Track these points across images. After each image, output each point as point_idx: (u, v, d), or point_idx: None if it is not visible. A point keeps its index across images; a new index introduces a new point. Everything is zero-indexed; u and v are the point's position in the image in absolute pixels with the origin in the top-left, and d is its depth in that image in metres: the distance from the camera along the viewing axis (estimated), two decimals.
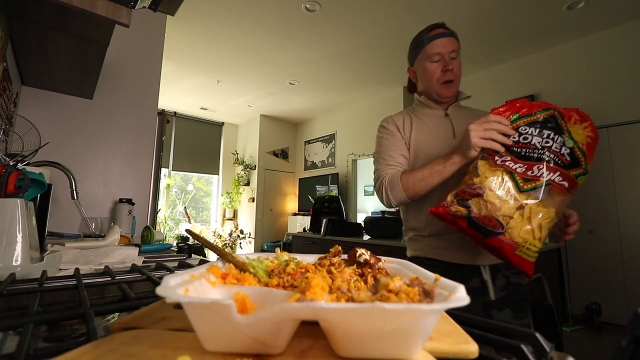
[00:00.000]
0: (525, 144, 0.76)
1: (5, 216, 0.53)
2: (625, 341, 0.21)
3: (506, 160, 0.75)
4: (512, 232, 0.70)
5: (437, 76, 1.03)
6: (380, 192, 1.01)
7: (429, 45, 1.03)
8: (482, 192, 0.73)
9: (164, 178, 5.69)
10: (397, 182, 0.95)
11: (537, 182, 0.71)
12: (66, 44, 1.14)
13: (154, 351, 0.20)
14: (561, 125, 0.76)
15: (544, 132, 0.75)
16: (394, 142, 1.06)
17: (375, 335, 0.18)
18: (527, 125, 0.77)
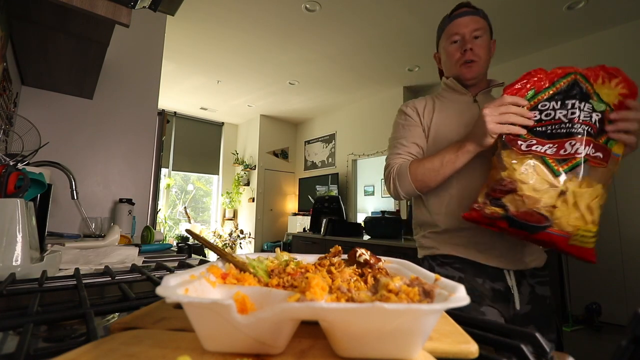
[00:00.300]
0: (549, 120, 0.67)
1: (5, 216, 0.53)
2: (625, 341, 0.21)
3: (532, 144, 0.67)
4: (560, 222, 0.63)
5: (456, 57, 0.95)
6: (387, 182, 0.95)
7: (449, 25, 0.97)
8: (514, 187, 0.66)
9: (164, 178, 5.69)
10: (406, 173, 0.89)
11: (574, 161, 0.64)
12: (66, 44, 1.14)
13: (154, 351, 0.20)
14: (586, 89, 0.67)
15: (568, 102, 0.67)
16: (409, 129, 0.99)
17: (375, 335, 0.18)
18: (547, 100, 0.69)
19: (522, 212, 0.65)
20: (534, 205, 0.64)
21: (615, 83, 0.67)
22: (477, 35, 0.93)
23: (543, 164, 0.66)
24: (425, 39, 3.52)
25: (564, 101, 0.67)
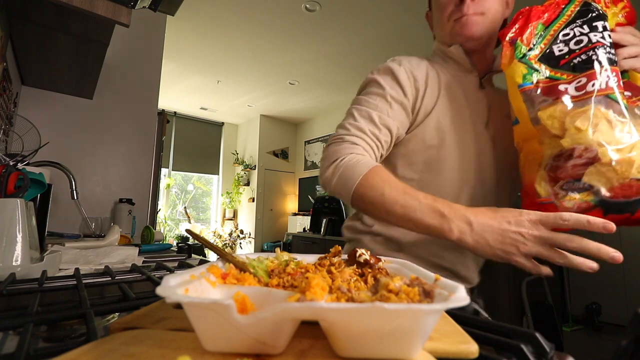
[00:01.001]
0: (585, 47, 0.51)
1: (5, 216, 0.53)
2: (626, 341, 0.21)
3: (582, 84, 0.49)
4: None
5: (449, 11, 0.66)
6: (325, 167, 0.63)
7: None
8: (592, 154, 0.46)
9: (164, 178, 5.69)
10: (357, 179, 0.57)
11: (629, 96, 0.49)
12: (66, 44, 1.14)
13: (154, 351, 0.20)
14: (601, 9, 0.54)
15: (595, 24, 0.52)
16: (391, 104, 0.65)
17: (375, 335, 0.18)
18: (568, 27, 0.54)
19: (619, 187, 0.45)
20: (629, 171, 0.44)
21: (621, 7, 0.55)
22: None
23: (610, 105, 0.46)
24: (425, 39, 3.52)
25: (590, 23, 0.52)
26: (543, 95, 0.51)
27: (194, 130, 6.35)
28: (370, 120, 0.64)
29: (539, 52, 0.55)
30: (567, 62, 0.52)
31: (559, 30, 0.54)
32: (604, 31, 0.51)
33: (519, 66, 0.55)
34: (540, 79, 0.53)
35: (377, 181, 0.56)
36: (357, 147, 0.62)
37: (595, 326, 2.95)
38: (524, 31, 0.56)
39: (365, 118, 0.64)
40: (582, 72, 0.50)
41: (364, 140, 0.63)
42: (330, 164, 0.62)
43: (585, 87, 0.49)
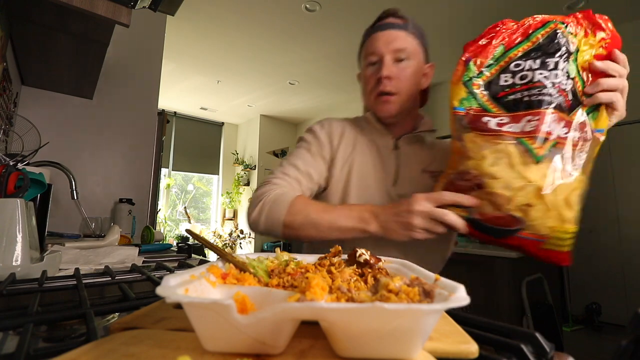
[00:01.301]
0: (525, 84, 0.51)
1: (5, 216, 0.53)
2: (626, 341, 0.21)
3: (503, 122, 0.51)
4: (536, 225, 0.50)
5: (370, 86, 0.73)
6: (252, 207, 0.69)
7: (368, 40, 0.74)
8: (480, 182, 0.52)
9: (164, 178, 5.69)
10: (285, 205, 0.65)
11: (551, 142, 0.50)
12: (66, 44, 1.14)
13: (154, 351, 0.20)
14: (569, 42, 0.51)
15: (549, 61, 0.50)
16: (314, 157, 0.76)
17: (375, 335, 0.18)
18: (522, 58, 0.52)
19: (491, 215, 0.53)
20: (505, 205, 0.51)
21: (599, 39, 0.52)
22: (401, 57, 0.71)
23: (519, 149, 0.50)
24: None
25: (544, 59, 0.51)
26: (468, 123, 0.55)
27: (194, 130, 6.35)
28: (294, 167, 0.75)
29: (486, 79, 0.55)
30: (505, 95, 0.53)
31: (514, 59, 0.53)
32: (554, 69, 0.50)
33: (461, 89, 0.56)
34: (473, 106, 0.55)
35: (301, 207, 0.65)
36: (280, 186, 0.71)
37: (595, 326, 2.95)
38: (483, 51, 0.55)
39: (291, 165, 0.75)
40: (509, 112, 0.52)
41: (287, 181, 0.73)
42: (256, 206, 0.69)
43: (503, 125, 0.52)
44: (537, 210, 0.50)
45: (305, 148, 0.77)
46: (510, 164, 0.50)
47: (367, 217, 0.61)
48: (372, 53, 0.72)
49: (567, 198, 0.50)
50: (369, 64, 0.74)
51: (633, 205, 3.05)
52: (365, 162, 0.76)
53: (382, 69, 0.70)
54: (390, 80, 0.70)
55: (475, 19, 3.18)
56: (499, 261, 2.01)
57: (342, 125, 0.80)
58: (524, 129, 0.50)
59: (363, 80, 0.76)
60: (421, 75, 0.76)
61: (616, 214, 3.13)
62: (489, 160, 0.52)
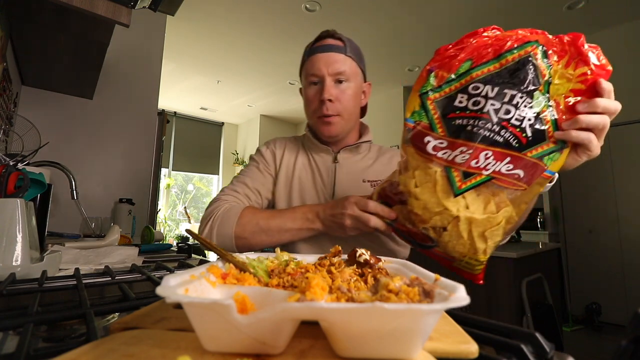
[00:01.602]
0: (474, 112, 0.48)
1: (5, 216, 0.53)
2: (626, 341, 0.21)
3: (441, 146, 0.50)
4: (447, 247, 0.52)
5: (314, 107, 0.76)
6: (203, 224, 0.74)
7: (308, 60, 0.76)
8: (404, 199, 0.54)
9: (164, 178, 5.69)
10: (234, 217, 0.70)
11: (479, 178, 0.48)
12: (66, 44, 1.14)
13: (154, 351, 0.20)
14: (539, 74, 0.46)
15: (506, 92, 0.46)
16: (262, 174, 0.83)
17: (375, 336, 0.18)
18: (482, 81, 0.48)
19: (408, 228, 0.56)
20: (421, 224, 0.53)
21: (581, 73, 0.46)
22: (341, 79, 0.74)
23: (445, 177, 0.49)
24: (425, 39, 3.52)
25: (502, 89, 0.47)
26: (411, 138, 0.53)
27: (194, 130, 6.35)
28: (243, 184, 0.80)
29: (443, 95, 0.51)
30: (453, 117, 0.50)
31: (476, 79, 0.48)
32: (508, 103, 0.46)
33: (416, 100, 0.53)
34: (423, 121, 0.52)
35: (250, 217, 0.70)
36: (228, 202, 0.76)
37: (595, 326, 2.95)
38: (448, 64, 0.51)
39: (240, 183, 0.81)
40: (451, 134, 0.49)
41: (236, 197, 0.78)
42: (206, 224, 0.73)
43: (440, 149, 0.50)
44: (449, 235, 0.51)
45: (254, 166, 0.84)
46: (433, 189, 0.50)
47: (311, 217, 0.67)
48: (312, 74, 0.75)
49: (483, 233, 0.50)
50: (310, 83, 0.76)
51: (633, 205, 3.05)
52: (305, 177, 0.81)
53: (324, 91, 0.73)
54: (332, 103, 0.74)
55: (475, 19, 3.18)
56: (499, 261, 2.01)
57: (285, 143, 0.88)
58: (454, 159, 0.49)
59: (305, 99, 0.79)
60: (360, 94, 0.80)
61: (616, 214, 3.13)
62: (416, 180, 0.52)
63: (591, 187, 3.28)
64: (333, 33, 0.77)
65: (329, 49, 0.75)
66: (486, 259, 0.52)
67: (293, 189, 0.81)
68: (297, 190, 0.80)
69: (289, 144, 0.88)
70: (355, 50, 0.78)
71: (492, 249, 0.51)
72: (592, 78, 0.45)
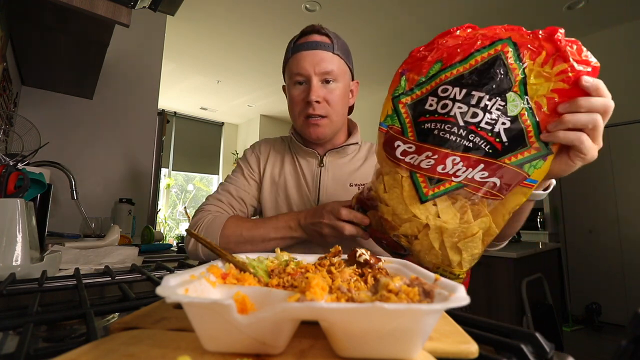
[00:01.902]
0: (442, 116, 0.46)
1: (5, 216, 0.53)
2: (625, 341, 0.21)
3: (409, 151, 0.48)
4: (419, 256, 0.50)
5: (299, 108, 0.73)
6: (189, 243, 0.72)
7: (292, 58, 0.72)
8: (375, 204, 0.54)
9: (164, 178, 5.69)
10: (218, 228, 0.69)
11: (448, 185, 0.46)
12: (66, 44, 1.14)
13: (154, 351, 0.20)
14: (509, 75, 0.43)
15: (474, 94, 0.44)
16: (247, 180, 0.81)
17: (375, 335, 0.18)
18: (451, 83, 0.46)
19: (381, 234, 0.55)
20: (391, 231, 0.52)
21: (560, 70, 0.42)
22: (328, 79, 0.70)
23: (410, 183, 0.48)
24: (425, 39, 3.50)
25: (470, 91, 0.44)
26: (383, 143, 0.52)
27: (194, 130, 6.35)
28: (228, 192, 0.79)
29: (414, 98, 0.49)
30: (422, 121, 0.48)
31: (445, 81, 0.46)
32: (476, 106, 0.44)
33: (389, 104, 0.52)
34: (395, 125, 0.51)
35: (233, 228, 0.69)
36: (211, 212, 0.74)
37: (595, 326, 2.95)
38: (419, 65, 0.49)
39: (225, 191, 0.79)
40: (420, 139, 0.48)
41: (220, 207, 0.76)
42: (191, 237, 0.70)
43: (407, 154, 0.48)
44: (420, 244, 0.49)
45: (239, 172, 0.83)
46: (401, 195, 0.49)
47: (293, 226, 0.66)
48: (298, 73, 0.71)
49: (456, 243, 0.47)
50: (295, 82, 0.72)
51: (633, 205, 3.05)
52: (291, 183, 0.79)
53: (311, 92, 0.69)
54: (319, 104, 0.70)
55: (475, 19, 3.18)
56: (499, 261, 2.01)
57: (269, 147, 0.85)
58: (420, 164, 0.47)
59: (290, 99, 0.75)
60: (348, 93, 0.78)
61: (616, 214, 3.13)
62: (385, 185, 0.51)
63: (591, 187, 3.28)
64: (319, 28, 0.73)
65: (316, 46, 0.70)
66: (463, 273, 0.49)
67: (279, 195, 0.79)
68: (282, 197, 0.79)
69: (275, 147, 0.85)
70: (342, 47, 0.75)
71: (469, 262, 0.48)
72: (575, 75, 0.41)
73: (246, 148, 0.87)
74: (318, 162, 0.79)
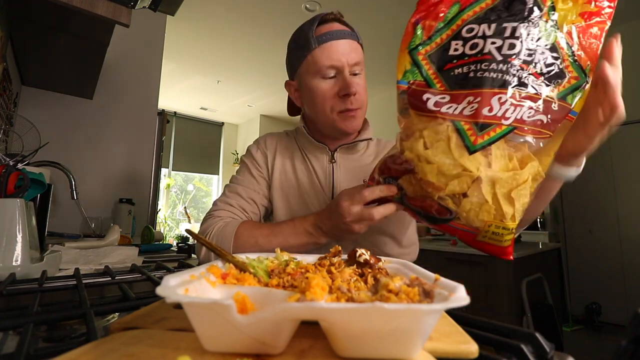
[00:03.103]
0: (474, 56, 0.43)
1: (5, 216, 0.53)
2: (625, 341, 0.21)
3: (443, 102, 0.44)
4: (468, 216, 0.45)
5: (332, 103, 0.68)
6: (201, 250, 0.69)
7: (319, 50, 0.66)
8: (410, 166, 0.47)
9: (164, 178, 5.69)
10: (230, 237, 0.65)
11: (498, 130, 0.41)
12: (66, 44, 1.14)
13: (154, 351, 0.20)
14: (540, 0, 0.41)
15: (506, 25, 0.42)
16: (256, 179, 0.76)
17: (375, 336, 0.18)
18: (476, 21, 0.44)
19: (420, 200, 0.48)
20: (435, 193, 0.46)
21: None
22: (356, 71, 0.68)
23: (456, 133, 0.43)
24: None
25: (501, 23, 0.42)
26: (407, 99, 0.47)
27: (194, 130, 6.35)
28: (237, 194, 0.74)
29: (434, 47, 0.46)
30: (450, 68, 0.44)
31: (468, 21, 0.43)
32: (511, 37, 0.41)
33: (405, 58, 0.48)
34: (417, 79, 0.47)
35: (247, 235, 0.65)
36: (222, 218, 0.70)
37: (595, 326, 2.95)
38: (434, 11, 0.46)
39: (233, 193, 0.74)
40: (452, 87, 0.44)
41: (231, 211, 0.72)
42: (202, 246, 0.66)
43: (442, 105, 0.43)
44: (470, 202, 0.44)
45: (245, 171, 0.77)
46: (447, 148, 0.43)
47: (313, 232, 0.62)
48: (330, 66, 0.65)
49: (509, 193, 0.43)
50: (324, 77, 0.67)
51: (633, 205, 3.05)
52: (303, 180, 0.75)
53: (350, 85, 0.65)
54: (356, 98, 0.68)
55: None
56: (499, 261, 2.01)
57: (276, 142, 0.80)
58: (462, 111, 0.42)
59: (315, 94, 0.69)
60: None
61: (616, 214, 3.13)
62: (426, 140, 0.45)
63: (591, 187, 3.28)
64: (339, 16, 0.69)
65: (343, 35, 0.66)
66: (516, 226, 0.44)
67: (290, 193, 0.75)
68: (295, 195, 0.75)
69: (281, 142, 0.80)
70: (359, 35, 0.72)
71: (520, 214, 0.44)
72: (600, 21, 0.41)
73: (249, 144, 0.81)
74: (329, 158, 0.75)
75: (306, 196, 0.74)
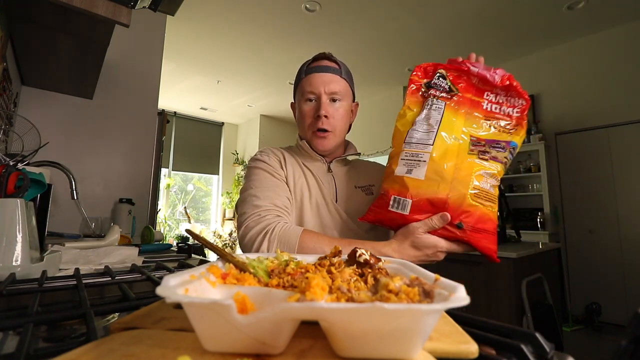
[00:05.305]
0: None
1: (5, 216, 0.53)
2: (625, 341, 0.21)
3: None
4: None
5: (309, 122, 0.82)
6: (260, 244, 0.67)
7: (305, 79, 0.82)
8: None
9: (164, 178, 5.69)
10: (295, 243, 0.66)
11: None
12: (66, 44, 1.14)
13: (154, 351, 0.20)
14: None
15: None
16: (279, 184, 0.79)
17: (375, 335, 0.18)
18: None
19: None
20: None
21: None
22: (335, 98, 0.81)
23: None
24: (425, 39, 3.52)
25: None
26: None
27: (194, 130, 6.35)
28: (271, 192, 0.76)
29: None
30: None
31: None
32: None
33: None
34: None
35: (312, 243, 0.67)
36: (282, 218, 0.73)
37: (595, 326, 2.95)
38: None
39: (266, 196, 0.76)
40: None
41: (279, 212, 0.74)
42: (263, 239, 0.68)
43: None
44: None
45: (264, 174, 0.80)
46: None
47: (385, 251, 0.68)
48: (310, 92, 0.80)
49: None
50: (307, 99, 0.82)
51: (633, 205, 3.05)
52: (310, 184, 0.83)
53: (321, 108, 0.79)
54: (327, 119, 0.80)
55: (475, 19, 3.18)
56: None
57: (281, 152, 0.87)
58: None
59: (300, 114, 0.84)
60: (350, 112, 0.87)
61: (616, 214, 3.13)
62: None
63: (591, 187, 3.28)
64: (329, 55, 0.85)
65: (327, 69, 0.81)
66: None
67: (303, 197, 0.81)
68: (306, 199, 0.81)
69: (286, 153, 0.87)
70: (348, 73, 0.86)
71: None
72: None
73: (254, 157, 0.86)
74: (326, 168, 0.87)
75: (315, 198, 0.82)
